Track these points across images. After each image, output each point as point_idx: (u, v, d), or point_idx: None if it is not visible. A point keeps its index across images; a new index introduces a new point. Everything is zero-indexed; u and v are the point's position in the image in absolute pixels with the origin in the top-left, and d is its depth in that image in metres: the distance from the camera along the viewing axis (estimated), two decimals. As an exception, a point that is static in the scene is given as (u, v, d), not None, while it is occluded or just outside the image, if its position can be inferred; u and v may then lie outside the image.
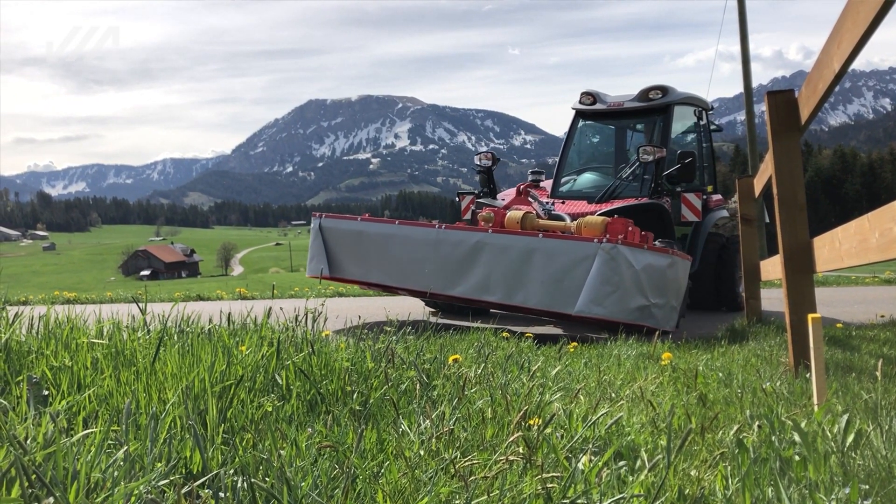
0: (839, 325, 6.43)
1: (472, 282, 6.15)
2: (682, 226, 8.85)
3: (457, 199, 9.19)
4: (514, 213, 7.16)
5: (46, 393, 2.30)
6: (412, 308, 8.65)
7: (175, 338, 3.15)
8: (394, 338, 3.39)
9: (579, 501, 1.66)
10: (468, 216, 8.95)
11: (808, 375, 3.42)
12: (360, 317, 3.83)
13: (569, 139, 9.53)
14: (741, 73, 22.33)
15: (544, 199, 8.45)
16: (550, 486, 1.65)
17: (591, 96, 9.37)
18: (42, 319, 3.20)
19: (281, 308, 3.98)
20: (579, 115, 9.56)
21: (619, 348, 5.02)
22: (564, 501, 1.65)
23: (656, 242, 6.87)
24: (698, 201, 8.29)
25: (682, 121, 9.56)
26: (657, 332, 5.00)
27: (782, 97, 3.91)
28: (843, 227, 2.97)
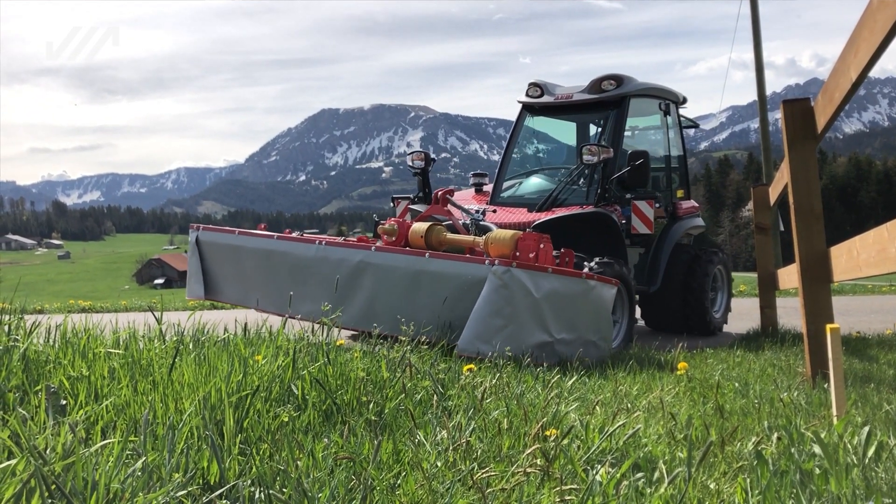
0: (856, 335, 6.38)
1: (355, 309, 5.16)
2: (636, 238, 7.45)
3: (392, 203, 8.10)
4: (419, 226, 6.23)
5: (64, 402, 2.31)
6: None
7: (191, 347, 3.16)
8: (408, 347, 3.39)
9: (598, 514, 1.64)
10: (405, 215, 7.88)
11: (826, 386, 3.39)
12: (374, 325, 3.83)
13: (513, 137, 8.31)
14: (754, 80, 22.25)
15: (480, 206, 7.31)
16: (568, 498, 1.64)
17: (538, 88, 8.12)
18: (59, 329, 3.22)
19: (298, 317, 3.98)
20: (526, 109, 8.28)
21: (634, 358, 5.00)
22: (583, 514, 1.64)
23: (593, 263, 6.15)
24: (650, 210, 7.02)
25: (642, 115, 8.40)
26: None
27: (798, 106, 3.89)
28: (861, 237, 2.94)
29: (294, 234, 6.28)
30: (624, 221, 6.97)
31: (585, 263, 6.08)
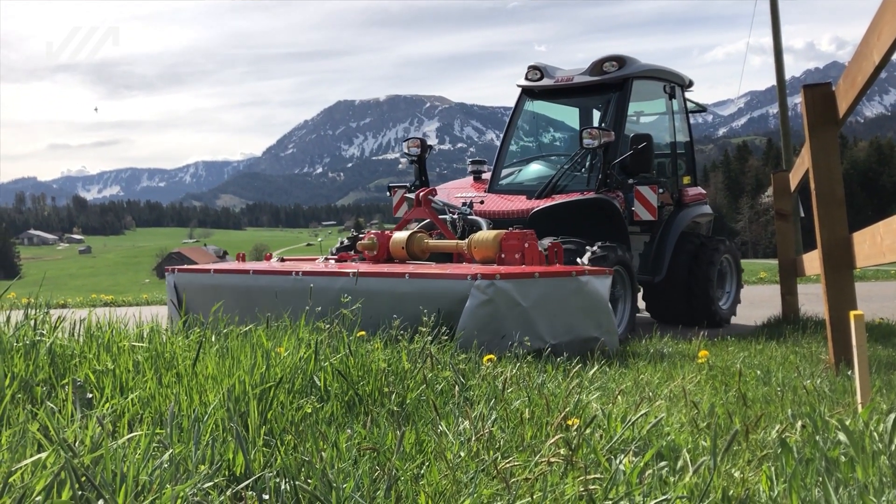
0: (879, 321, 6.32)
1: None
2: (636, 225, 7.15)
3: (388, 193, 7.69)
4: (399, 237, 5.87)
5: (90, 396, 2.34)
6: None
7: (213, 339, 3.19)
8: (429, 338, 3.40)
9: (622, 503, 1.65)
10: (400, 213, 7.51)
11: (849, 373, 3.37)
12: (394, 316, 3.84)
13: (511, 122, 7.96)
14: (773, 65, 22.01)
15: (469, 198, 7.01)
16: (592, 487, 1.64)
17: (538, 71, 7.77)
18: (83, 323, 3.26)
19: (318, 309, 4.00)
20: (525, 93, 7.95)
21: (654, 347, 4.98)
22: (607, 503, 1.64)
23: (595, 248, 5.89)
24: (653, 196, 6.72)
25: (646, 98, 8.07)
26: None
27: (819, 91, 3.85)
28: (886, 222, 2.91)
29: (274, 261, 6.15)
30: (632, 208, 6.71)
31: (587, 248, 5.89)
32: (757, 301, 10.56)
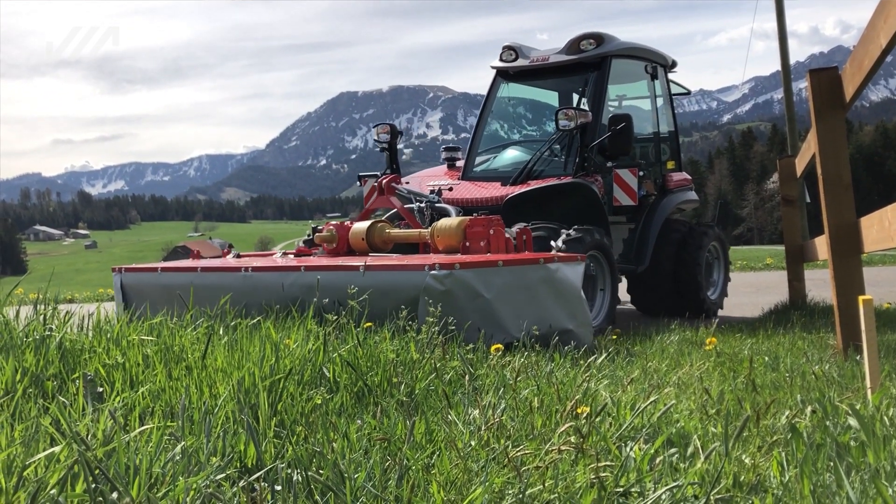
0: (887, 306, 6.31)
1: None
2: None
3: (358, 183, 7.07)
4: (359, 228, 5.53)
5: (101, 390, 2.35)
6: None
7: (221, 332, 3.19)
8: (436, 328, 3.41)
9: (633, 490, 1.65)
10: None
11: (858, 358, 3.37)
12: (402, 307, 3.83)
13: (486, 106, 7.54)
14: (777, 50, 21.89)
15: (447, 181, 6.76)
16: (603, 474, 1.64)
17: (513, 51, 7.34)
18: (91, 317, 3.27)
19: (325, 300, 4.01)
20: (500, 75, 7.52)
21: (661, 335, 4.98)
22: (618, 490, 1.64)
23: (569, 232, 5.59)
24: (633, 179, 6.42)
25: (628, 80, 7.72)
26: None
27: (825, 75, 3.83)
28: (893, 206, 2.90)
29: (230, 257, 5.85)
30: (612, 193, 6.45)
31: (563, 231, 5.59)
32: (763, 287, 10.55)
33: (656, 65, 7.55)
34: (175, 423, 1.98)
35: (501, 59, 7.42)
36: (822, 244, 4.85)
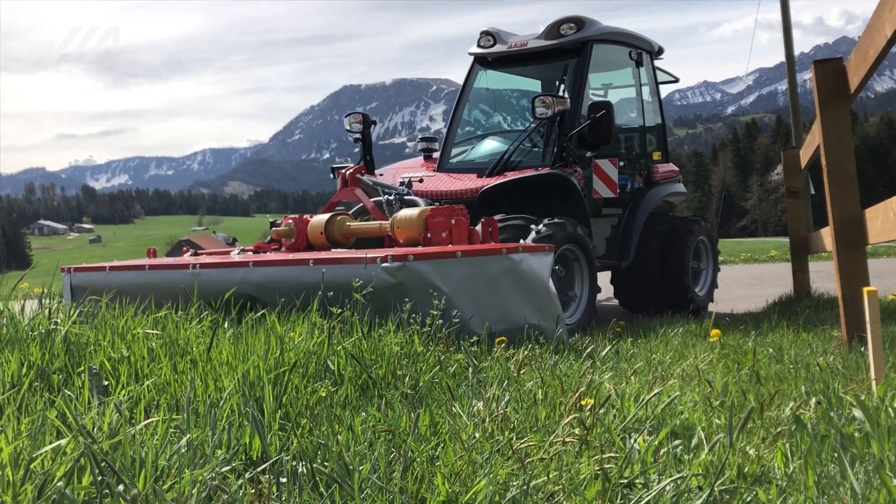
0: (892, 298, 6.30)
1: None
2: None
3: (332, 175, 6.69)
4: (317, 222, 5.25)
5: (106, 383, 2.36)
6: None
7: (226, 326, 3.20)
8: (440, 321, 3.41)
9: (637, 481, 1.65)
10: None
11: (862, 349, 3.36)
12: (405, 300, 3.81)
13: (462, 95, 7.19)
14: (781, 41, 21.82)
15: (422, 173, 6.52)
16: (608, 466, 1.65)
17: (490, 37, 6.97)
18: (97, 311, 3.28)
19: (329, 294, 4.01)
20: (478, 61, 7.15)
21: (665, 327, 4.98)
22: (622, 481, 1.65)
23: (541, 226, 5.31)
24: (614, 170, 6.11)
25: (612, 67, 7.40)
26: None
27: (830, 65, 3.82)
28: (898, 198, 2.90)
29: (188, 255, 5.55)
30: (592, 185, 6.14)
31: (532, 227, 5.35)
32: (768, 279, 10.54)
33: (641, 51, 7.21)
34: (180, 416, 1.99)
35: (479, 45, 7.08)
36: (826, 236, 4.84)
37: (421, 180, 6.23)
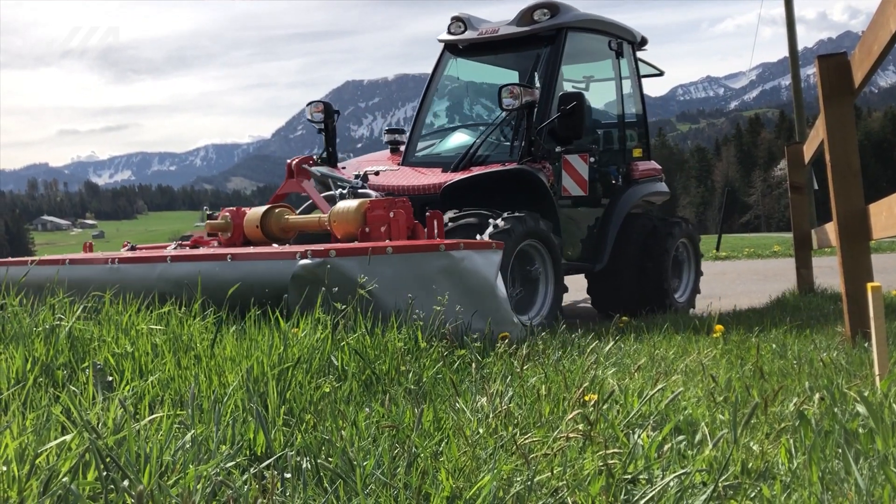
0: (895, 293, 6.29)
1: None
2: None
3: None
4: (253, 215, 4.87)
5: (110, 379, 2.37)
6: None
7: (230, 321, 3.20)
8: (443, 317, 3.42)
9: (641, 477, 1.65)
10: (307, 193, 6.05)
11: (866, 345, 3.36)
12: (410, 296, 3.79)
13: (431, 84, 6.78)
14: (784, 36, 21.76)
15: (383, 166, 6.13)
16: (611, 462, 1.65)
17: (461, 23, 6.54)
18: (100, 307, 3.29)
19: (334, 290, 4.02)
20: (449, 49, 6.72)
21: (668, 322, 4.98)
22: (626, 477, 1.65)
23: (499, 220, 4.95)
24: (584, 166, 5.71)
25: (589, 56, 6.97)
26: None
27: (834, 60, 3.80)
28: (903, 193, 2.89)
29: (124, 251, 5.14)
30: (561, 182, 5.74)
31: (491, 221, 5.00)
32: (771, 275, 10.53)
33: (622, 41, 6.79)
34: (184, 411, 1.99)
35: (450, 32, 6.64)
36: (830, 231, 4.83)
37: (377, 173, 5.81)
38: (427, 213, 4.52)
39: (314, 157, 5.81)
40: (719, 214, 29.31)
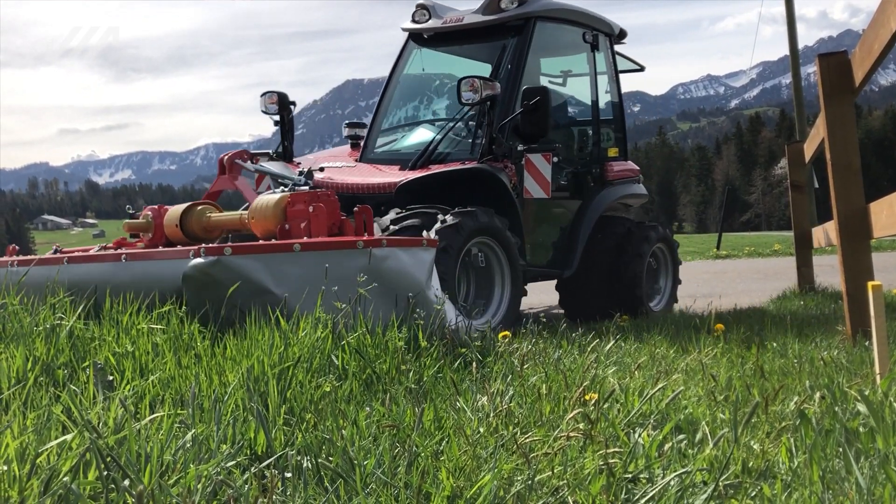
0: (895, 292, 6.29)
1: None
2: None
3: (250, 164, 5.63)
4: (173, 213, 4.48)
5: (111, 378, 2.37)
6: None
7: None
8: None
9: (642, 476, 1.65)
10: (262, 188, 5.76)
11: (867, 344, 3.36)
12: (409, 295, 3.79)
13: (392, 76, 6.38)
14: (785, 35, 21.76)
15: (341, 163, 5.82)
16: (612, 461, 1.65)
17: (426, 11, 6.14)
18: (101, 306, 3.28)
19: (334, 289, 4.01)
20: (413, 38, 6.34)
21: (668, 321, 4.98)
22: (627, 476, 1.65)
23: (447, 216, 4.68)
24: (547, 167, 5.33)
25: (563, 49, 6.56)
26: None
27: (834, 59, 3.80)
28: (903, 192, 2.89)
29: (50, 253, 4.64)
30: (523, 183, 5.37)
31: (439, 217, 4.72)
32: (772, 273, 10.54)
33: (598, 33, 6.38)
34: (185, 411, 1.99)
35: (413, 20, 6.24)
36: (830, 230, 4.83)
37: (321, 169, 5.43)
38: (355, 209, 4.17)
39: (248, 152, 5.30)
40: (720, 213, 29.31)
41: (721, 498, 1.54)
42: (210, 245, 3.27)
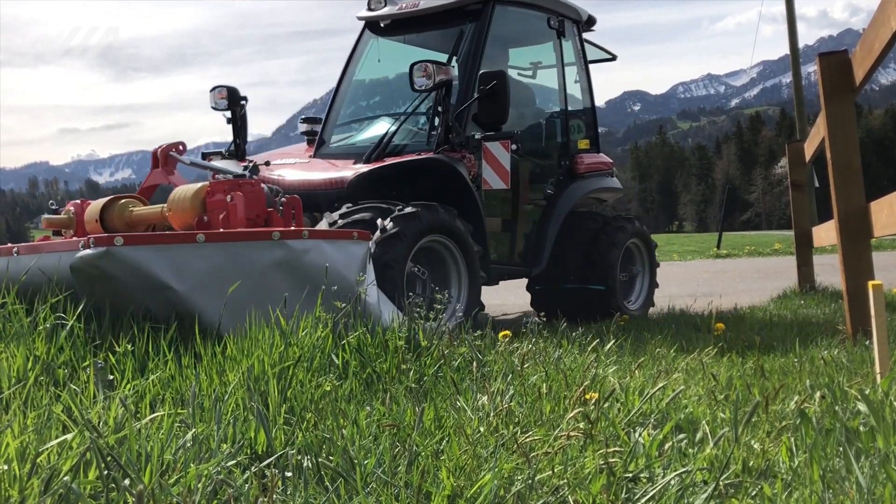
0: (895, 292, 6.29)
1: None
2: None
3: (203, 160, 5.68)
4: (94, 206, 4.20)
5: (111, 377, 2.37)
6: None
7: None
8: (444, 315, 3.41)
9: (642, 476, 1.65)
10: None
11: (867, 343, 3.36)
12: (410, 294, 3.80)
13: (348, 67, 6.13)
14: (785, 34, 21.76)
15: (287, 160, 5.59)
16: (612, 460, 1.65)
17: None
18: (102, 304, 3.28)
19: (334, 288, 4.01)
20: (369, 27, 6.09)
21: (669, 320, 4.98)
22: (627, 475, 1.65)
23: (409, 206, 4.47)
24: (506, 155, 5.03)
25: (527, 37, 6.37)
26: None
27: (835, 58, 3.80)
28: (904, 191, 2.89)
29: None
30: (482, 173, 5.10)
31: (397, 209, 4.52)
32: (772, 273, 10.53)
33: (563, 18, 6.10)
34: (185, 410, 1.99)
35: (369, 8, 5.96)
36: (831, 229, 4.83)
37: (267, 163, 5.14)
38: (283, 199, 3.90)
39: (184, 144, 4.95)
40: (720, 212, 29.31)
41: (721, 497, 1.55)
42: (100, 235, 2.95)
